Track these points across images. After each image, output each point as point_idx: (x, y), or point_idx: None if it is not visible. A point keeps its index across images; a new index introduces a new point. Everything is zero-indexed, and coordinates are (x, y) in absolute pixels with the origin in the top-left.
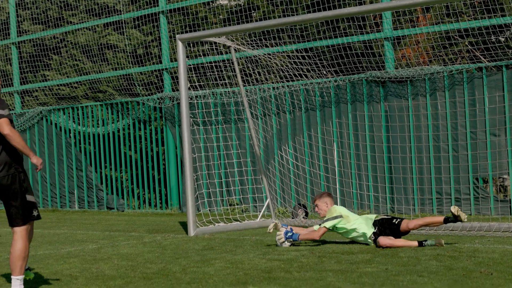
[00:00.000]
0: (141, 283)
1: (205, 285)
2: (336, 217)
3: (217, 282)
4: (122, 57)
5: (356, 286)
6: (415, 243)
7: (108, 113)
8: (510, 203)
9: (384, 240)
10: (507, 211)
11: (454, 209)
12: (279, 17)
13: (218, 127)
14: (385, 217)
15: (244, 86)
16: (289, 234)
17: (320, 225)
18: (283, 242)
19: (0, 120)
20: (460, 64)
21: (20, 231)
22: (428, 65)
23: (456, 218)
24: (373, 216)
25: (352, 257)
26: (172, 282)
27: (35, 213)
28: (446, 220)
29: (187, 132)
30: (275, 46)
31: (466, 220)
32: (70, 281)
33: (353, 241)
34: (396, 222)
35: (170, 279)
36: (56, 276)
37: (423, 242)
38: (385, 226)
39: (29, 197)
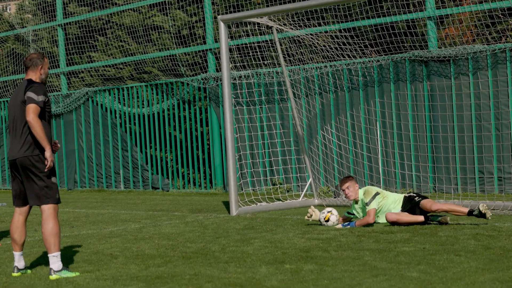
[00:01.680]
0: (180, 262)
1: (242, 264)
2: (375, 196)
3: (255, 261)
4: (167, 38)
5: (392, 265)
6: (421, 218)
7: (153, 93)
8: None
9: (390, 215)
10: None
11: (482, 206)
12: None
13: (261, 107)
14: (412, 194)
15: (287, 66)
16: (345, 224)
17: (368, 206)
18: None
19: (29, 105)
20: (504, 43)
21: (48, 209)
22: (471, 44)
23: (480, 214)
24: (401, 196)
25: (391, 236)
26: (210, 261)
27: (57, 195)
28: (470, 213)
29: (229, 112)
30: (318, 26)
31: (490, 218)
32: (110, 260)
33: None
34: (417, 200)
35: (209, 258)
36: (97, 255)
37: (430, 217)
38: (406, 203)
39: (54, 179)
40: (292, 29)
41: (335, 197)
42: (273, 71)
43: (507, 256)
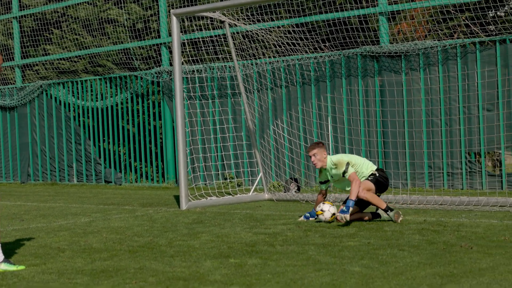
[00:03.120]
0: (126, 256)
1: (188, 258)
2: (348, 165)
3: (200, 255)
4: (122, 31)
5: (335, 259)
6: (384, 205)
7: (107, 87)
8: (502, 178)
9: (363, 193)
10: (498, 185)
11: (395, 217)
12: None
13: (214, 101)
14: (376, 173)
15: (240, 61)
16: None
17: (346, 174)
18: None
19: None
20: (457, 39)
21: None
22: (423, 40)
23: (391, 219)
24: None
25: (337, 231)
26: (156, 255)
27: None
28: (386, 210)
29: (180, 106)
30: (271, 21)
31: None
32: (57, 253)
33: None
34: (369, 179)
35: (155, 252)
36: (44, 249)
37: (388, 211)
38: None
39: None
40: (244, 24)
41: (285, 192)
42: (225, 66)
43: (450, 251)
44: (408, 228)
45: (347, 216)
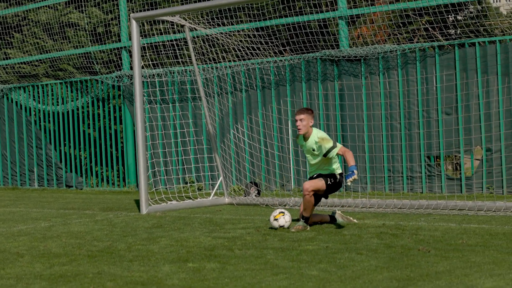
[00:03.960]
0: (85, 260)
1: (146, 262)
2: (336, 142)
3: (159, 259)
4: (82, 35)
5: (293, 263)
6: (308, 214)
7: (68, 91)
8: (461, 181)
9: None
10: (457, 189)
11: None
12: None
13: (174, 105)
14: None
15: (200, 65)
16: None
17: (335, 149)
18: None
19: None
20: (417, 42)
21: None
22: (384, 44)
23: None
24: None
25: (296, 235)
26: (115, 260)
27: None
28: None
29: (140, 110)
30: (231, 25)
31: (356, 221)
32: (16, 259)
33: None
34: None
35: (114, 256)
36: (3, 254)
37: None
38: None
39: None
40: (205, 28)
41: (245, 196)
42: (186, 70)
43: (408, 255)
44: (366, 232)
45: (355, 176)
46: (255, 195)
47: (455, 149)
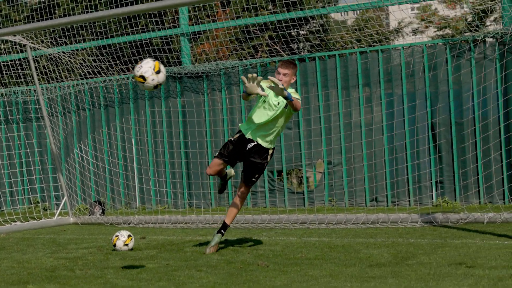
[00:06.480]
0: None
1: None
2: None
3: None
4: None
5: (133, 282)
6: (228, 222)
7: None
8: (303, 195)
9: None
10: (301, 202)
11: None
12: (81, 13)
13: (19, 125)
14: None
15: (43, 84)
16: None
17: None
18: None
19: None
20: (260, 58)
21: None
22: (226, 60)
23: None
24: None
25: (138, 253)
26: None
27: None
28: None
29: None
30: (75, 43)
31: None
32: None
33: None
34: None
35: None
36: None
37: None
38: None
39: None
40: (47, 47)
41: (90, 215)
42: (29, 90)
43: (247, 270)
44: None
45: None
46: (100, 214)
47: (296, 163)
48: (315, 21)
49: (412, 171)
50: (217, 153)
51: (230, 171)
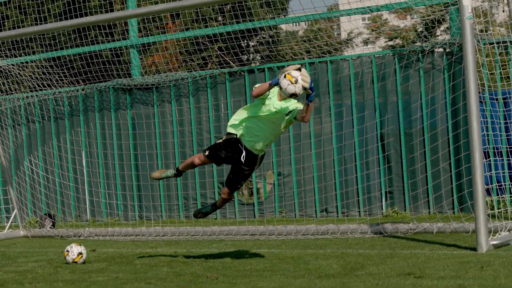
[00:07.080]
0: None
1: None
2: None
3: None
4: None
5: None
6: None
7: None
8: (254, 206)
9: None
10: (251, 214)
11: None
12: (31, 25)
13: None
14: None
15: None
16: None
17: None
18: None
19: None
20: (210, 69)
21: None
22: (176, 71)
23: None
24: None
25: (88, 266)
26: None
27: None
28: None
29: None
30: (24, 56)
31: None
32: None
33: None
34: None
35: None
36: None
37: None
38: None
39: None
40: None
41: (40, 228)
42: None
43: (196, 282)
44: (158, 261)
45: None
46: (50, 227)
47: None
48: (264, 32)
49: (362, 182)
50: (207, 153)
51: (172, 172)
